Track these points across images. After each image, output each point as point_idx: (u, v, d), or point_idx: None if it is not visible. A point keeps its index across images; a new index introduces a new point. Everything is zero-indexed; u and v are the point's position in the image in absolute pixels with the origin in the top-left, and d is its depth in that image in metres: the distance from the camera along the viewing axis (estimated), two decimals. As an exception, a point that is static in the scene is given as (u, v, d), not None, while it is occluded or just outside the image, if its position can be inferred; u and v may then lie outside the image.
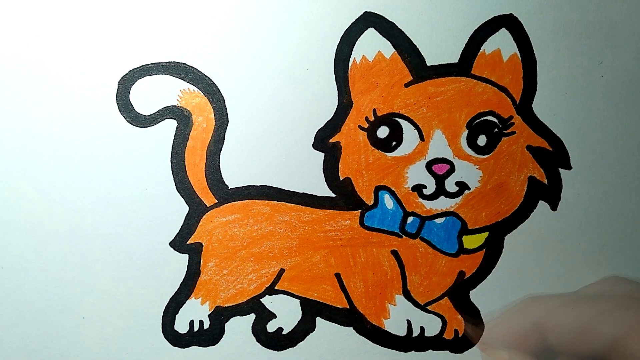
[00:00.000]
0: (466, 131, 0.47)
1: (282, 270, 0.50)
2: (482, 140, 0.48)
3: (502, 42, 0.47)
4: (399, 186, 0.48)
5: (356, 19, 0.47)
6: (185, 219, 0.49)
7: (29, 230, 0.49)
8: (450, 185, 0.48)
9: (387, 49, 0.47)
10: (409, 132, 0.47)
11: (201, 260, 0.49)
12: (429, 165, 0.47)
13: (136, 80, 0.48)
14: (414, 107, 0.47)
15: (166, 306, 0.50)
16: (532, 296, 0.48)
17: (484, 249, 0.49)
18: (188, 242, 0.49)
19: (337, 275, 0.50)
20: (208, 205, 0.49)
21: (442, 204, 0.48)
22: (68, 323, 0.50)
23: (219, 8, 0.47)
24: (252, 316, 0.51)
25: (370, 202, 0.49)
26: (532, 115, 0.48)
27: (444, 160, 0.47)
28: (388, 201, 0.48)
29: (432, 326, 0.51)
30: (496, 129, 0.48)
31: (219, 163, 0.49)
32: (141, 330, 0.50)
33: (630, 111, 0.48)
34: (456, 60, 0.47)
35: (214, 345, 0.51)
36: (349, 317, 0.50)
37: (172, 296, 0.50)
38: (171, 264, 0.50)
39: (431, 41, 0.47)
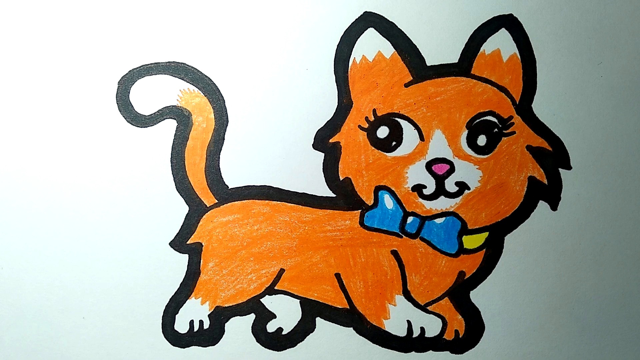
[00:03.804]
0: (466, 131, 0.47)
1: (282, 270, 0.50)
2: (482, 140, 0.48)
3: (501, 42, 0.47)
4: (399, 186, 0.48)
5: (356, 19, 0.47)
6: (185, 219, 0.49)
7: (29, 230, 0.49)
8: (450, 185, 0.48)
9: (387, 49, 0.47)
10: (408, 132, 0.48)
11: (201, 260, 0.49)
12: (428, 165, 0.47)
13: (136, 80, 0.48)
14: (414, 107, 0.47)
15: (166, 306, 0.50)
16: None
17: (484, 249, 0.49)
18: (188, 242, 0.49)
19: (337, 275, 0.50)
20: (208, 205, 0.49)
21: (442, 204, 0.48)
22: (68, 323, 0.50)
23: (218, 8, 0.47)
24: (252, 316, 0.51)
25: (370, 202, 0.49)
26: (532, 115, 0.48)
27: (444, 160, 0.47)
28: (388, 201, 0.48)
29: (432, 327, 0.51)
30: (496, 129, 0.48)
31: (219, 163, 0.49)
32: (141, 330, 0.50)
33: (630, 111, 0.48)
34: (456, 60, 0.47)
35: (213, 345, 0.51)
36: (349, 317, 0.50)
37: (172, 296, 0.50)
38: (171, 264, 0.50)
39: (431, 41, 0.47)
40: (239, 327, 0.51)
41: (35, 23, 0.47)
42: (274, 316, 0.51)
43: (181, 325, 0.50)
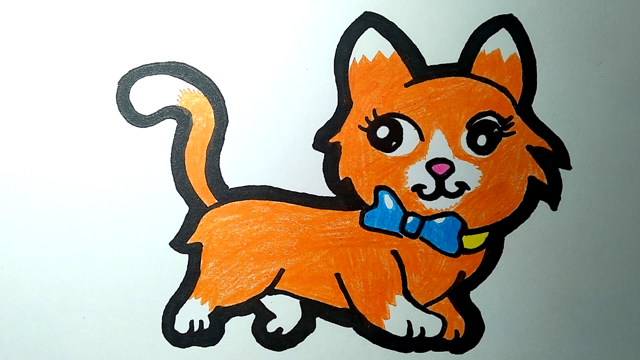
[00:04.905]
0: (466, 131, 0.47)
1: (282, 270, 0.50)
2: (482, 140, 0.48)
3: (501, 42, 0.47)
4: (399, 186, 0.48)
5: (356, 19, 0.47)
6: (185, 219, 0.49)
7: (29, 230, 0.49)
8: (450, 185, 0.48)
9: (387, 49, 0.47)
10: (408, 132, 0.48)
11: (201, 260, 0.49)
12: (428, 165, 0.47)
13: (136, 80, 0.48)
14: (414, 107, 0.47)
15: (166, 306, 0.50)
16: None
17: (484, 249, 0.49)
18: (188, 242, 0.49)
19: (337, 275, 0.50)
20: (208, 205, 0.49)
21: (442, 204, 0.48)
22: (68, 323, 0.50)
23: (218, 8, 0.47)
24: (252, 316, 0.51)
25: (370, 202, 0.49)
26: (532, 115, 0.48)
27: (444, 160, 0.47)
28: (388, 201, 0.48)
29: (432, 327, 0.51)
30: (496, 129, 0.48)
31: (219, 163, 0.49)
32: (141, 330, 0.50)
33: (630, 111, 0.48)
34: (456, 60, 0.47)
35: (213, 345, 0.51)
36: (349, 317, 0.50)
37: (172, 296, 0.50)
38: (171, 264, 0.50)
39: (431, 41, 0.47)
40: (239, 327, 0.51)
41: (35, 23, 0.47)
42: (274, 316, 0.51)
43: (181, 325, 0.50)
